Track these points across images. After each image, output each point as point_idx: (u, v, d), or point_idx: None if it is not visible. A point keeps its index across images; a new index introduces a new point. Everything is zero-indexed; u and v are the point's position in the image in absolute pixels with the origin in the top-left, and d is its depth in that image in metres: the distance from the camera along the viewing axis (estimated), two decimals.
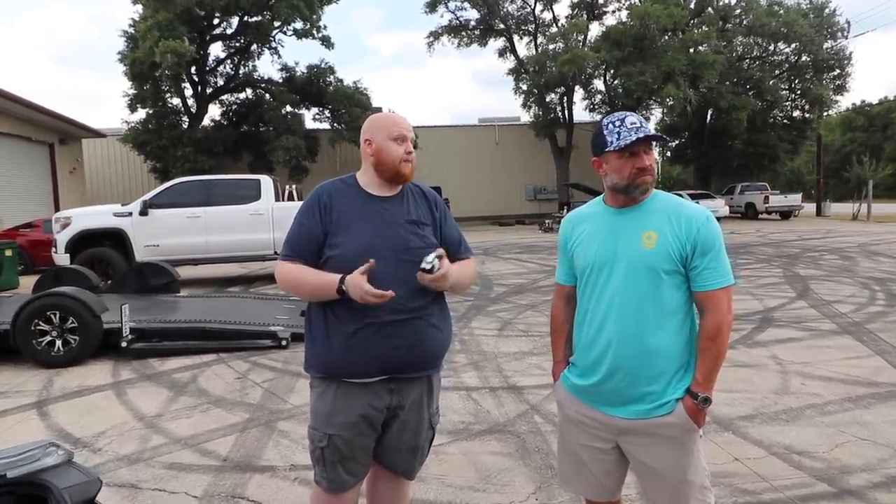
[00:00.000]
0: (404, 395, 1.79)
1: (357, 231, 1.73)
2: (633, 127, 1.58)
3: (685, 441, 1.58)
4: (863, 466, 2.81)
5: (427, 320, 1.76)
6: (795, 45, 28.25)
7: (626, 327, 1.58)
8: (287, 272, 1.75)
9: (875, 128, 55.99)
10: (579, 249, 1.71)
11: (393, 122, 1.81)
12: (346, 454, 1.75)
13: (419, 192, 1.90)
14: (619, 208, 1.66)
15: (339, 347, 1.70)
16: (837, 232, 17.38)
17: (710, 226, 1.59)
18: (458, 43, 30.25)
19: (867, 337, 5.18)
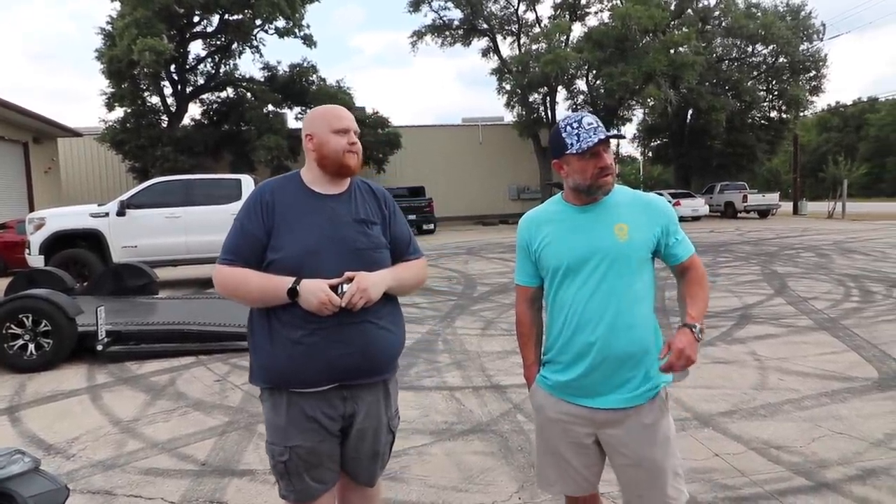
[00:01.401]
0: (359, 401, 1.70)
1: (302, 232, 1.63)
2: (590, 128, 1.59)
3: (661, 427, 1.64)
4: (839, 460, 2.86)
5: (377, 323, 1.68)
6: (773, 46, 28.75)
7: (610, 319, 1.61)
8: (229, 277, 1.64)
9: (849, 128, 57.32)
10: (548, 250, 1.70)
11: (334, 114, 1.73)
12: (312, 462, 1.67)
13: (367, 189, 1.81)
14: (583, 206, 1.68)
15: (284, 355, 1.60)
16: (814, 230, 17.71)
17: (669, 207, 1.73)
18: (442, 43, 30.28)
19: (842, 333, 5.27)
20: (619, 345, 1.61)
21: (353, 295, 1.57)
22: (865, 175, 37.62)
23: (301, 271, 1.58)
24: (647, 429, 1.63)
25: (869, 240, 13.95)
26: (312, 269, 1.59)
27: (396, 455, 3.02)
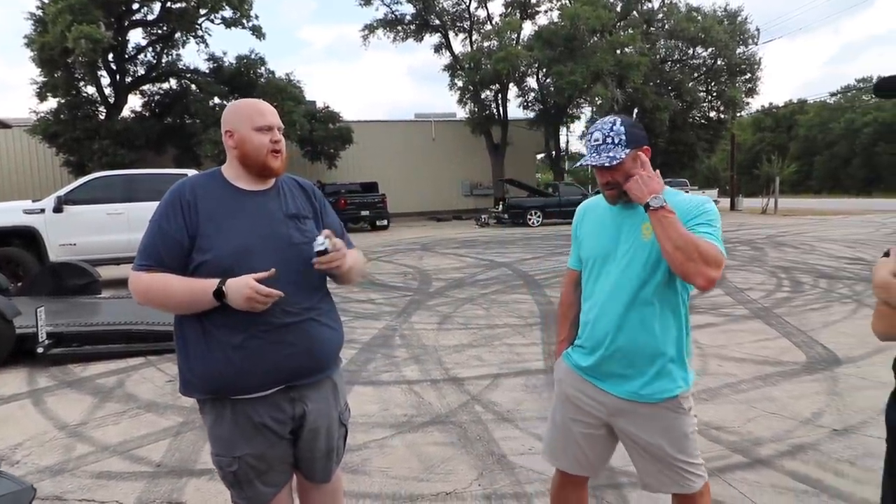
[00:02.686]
0: (308, 401, 1.65)
1: (230, 230, 1.55)
2: (594, 145, 1.62)
3: (674, 426, 1.66)
4: (771, 438, 3.09)
5: (319, 320, 1.64)
6: (712, 49, 30.09)
7: (622, 314, 1.65)
8: (148, 284, 1.53)
9: (781, 129, 60.72)
10: (586, 240, 1.80)
11: (256, 109, 1.63)
12: (261, 469, 1.62)
13: (295, 184, 1.77)
14: (624, 203, 1.68)
15: (224, 362, 1.52)
16: (749, 225, 18.72)
17: (711, 207, 1.62)
18: (394, 37, 30.11)
19: (775, 321, 5.65)
20: (629, 340, 1.65)
21: (340, 252, 1.57)
22: (795, 173, 40.00)
23: (233, 271, 1.50)
24: (661, 423, 1.66)
25: (798, 234, 14.88)
26: (246, 267, 1.52)
27: (357, 449, 3.06)
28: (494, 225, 22.38)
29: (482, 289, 8.06)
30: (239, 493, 1.65)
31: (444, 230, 21.00)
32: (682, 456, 1.67)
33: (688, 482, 1.69)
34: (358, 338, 5.45)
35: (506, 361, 4.61)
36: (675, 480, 1.69)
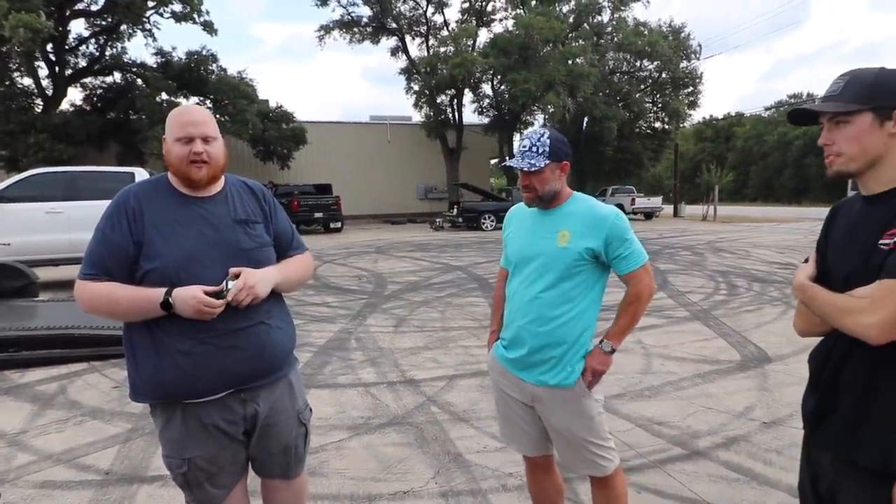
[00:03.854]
0: (260, 401, 1.67)
1: (177, 238, 1.55)
2: (520, 150, 1.85)
3: (580, 407, 1.86)
4: (708, 431, 3.31)
5: (270, 324, 1.66)
6: (657, 63, 31.40)
7: (536, 312, 1.85)
8: (93, 293, 1.52)
9: (720, 139, 63.77)
10: (511, 242, 1.99)
11: (177, 119, 1.59)
12: (212, 471, 1.64)
13: (244, 187, 1.75)
14: (542, 210, 1.91)
15: (173, 368, 1.53)
16: (690, 231, 19.60)
17: (619, 220, 1.83)
18: (350, 39, 29.93)
19: (712, 322, 5.99)
20: (540, 335, 1.84)
21: (239, 291, 1.53)
22: (733, 182, 42.14)
23: (181, 279, 1.51)
24: (567, 407, 1.85)
25: (735, 240, 15.70)
26: (194, 275, 1.52)
27: (315, 451, 3.08)
28: (449, 228, 22.54)
29: (437, 292, 8.15)
30: (189, 494, 1.67)
31: (399, 233, 20.99)
32: (591, 437, 1.87)
33: (598, 464, 1.89)
34: (313, 341, 5.43)
35: (461, 363, 4.71)
36: (586, 461, 1.89)
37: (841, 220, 1.34)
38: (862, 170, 1.22)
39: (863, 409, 1.21)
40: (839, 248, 1.29)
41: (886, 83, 1.19)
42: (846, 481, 1.25)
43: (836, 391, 1.27)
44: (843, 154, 1.22)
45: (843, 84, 1.23)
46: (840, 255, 1.27)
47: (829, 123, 1.24)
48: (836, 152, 1.23)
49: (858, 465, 1.21)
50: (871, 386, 1.19)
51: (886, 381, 1.17)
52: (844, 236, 1.29)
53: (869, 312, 1.11)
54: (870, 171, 1.22)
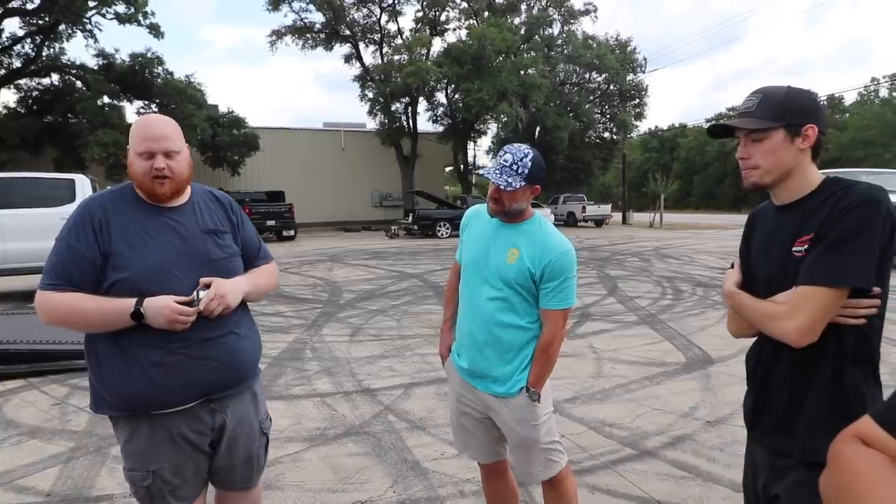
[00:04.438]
0: (228, 411, 1.68)
1: (146, 248, 1.54)
2: (500, 165, 1.84)
3: (531, 415, 1.91)
4: (656, 431, 3.45)
5: (239, 333, 1.68)
6: (605, 75, 32.46)
7: (480, 320, 1.91)
8: (57, 303, 1.49)
9: (665, 149, 66.40)
10: (466, 244, 2.03)
11: (139, 133, 1.57)
12: (175, 483, 1.62)
13: (211, 197, 1.75)
14: (500, 221, 1.95)
15: (141, 379, 1.51)
16: (638, 238, 20.30)
17: (563, 259, 1.83)
18: (303, 45, 29.59)
19: (659, 326, 6.23)
20: (483, 344, 1.91)
21: (210, 300, 1.54)
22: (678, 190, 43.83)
23: (151, 289, 1.50)
24: (516, 414, 1.91)
25: (680, 246, 16.37)
26: (164, 285, 1.52)
27: (270, 464, 3.02)
28: (404, 236, 22.52)
29: (393, 300, 8.13)
30: None
31: (354, 241, 20.81)
32: (541, 440, 1.93)
33: (550, 461, 1.95)
34: (267, 352, 5.32)
35: (418, 371, 4.72)
36: (538, 463, 1.94)
37: (759, 227, 1.42)
38: (776, 182, 1.30)
39: (793, 405, 1.30)
40: (760, 255, 1.38)
41: (795, 102, 1.27)
42: (781, 475, 1.32)
43: (768, 389, 1.36)
44: (760, 167, 1.30)
45: (756, 101, 1.30)
46: (761, 262, 1.36)
47: (745, 138, 1.32)
48: (752, 165, 1.31)
49: (792, 459, 1.29)
50: (798, 383, 1.28)
51: (812, 378, 1.26)
52: (763, 243, 1.37)
53: (789, 318, 1.20)
54: (782, 184, 1.31)
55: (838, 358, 1.23)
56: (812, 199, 1.27)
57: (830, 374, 1.24)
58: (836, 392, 1.23)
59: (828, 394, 1.24)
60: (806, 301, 1.19)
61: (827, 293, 1.17)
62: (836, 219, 1.19)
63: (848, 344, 1.23)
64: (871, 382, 1.26)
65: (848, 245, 1.17)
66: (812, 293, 1.18)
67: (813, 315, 1.18)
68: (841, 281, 1.17)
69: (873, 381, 1.26)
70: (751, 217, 1.49)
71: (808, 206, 1.26)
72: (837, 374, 1.23)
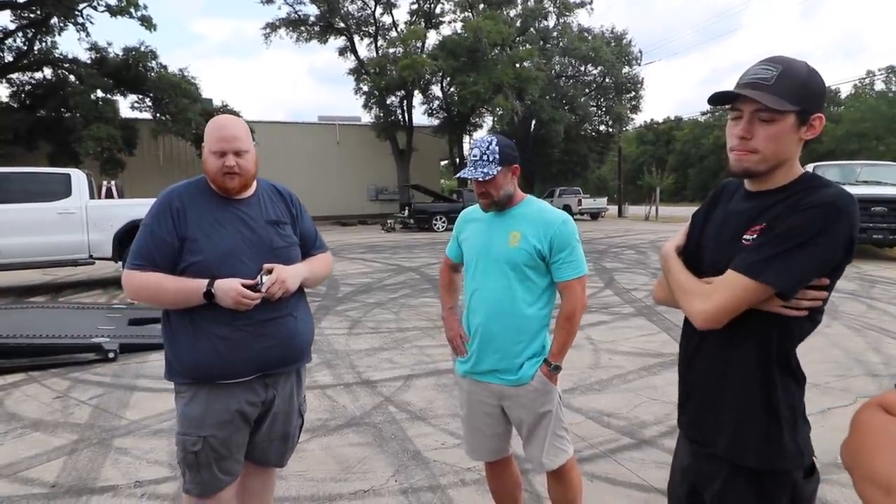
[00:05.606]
0: (279, 387, 1.85)
1: (218, 235, 1.72)
2: (472, 160, 1.91)
3: (546, 400, 1.95)
4: (654, 420, 3.50)
5: (296, 316, 1.83)
6: (601, 68, 32.45)
7: (487, 311, 1.94)
8: (142, 281, 1.68)
9: (661, 143, 66.46)
10: (466, 245, 2.06)
11: (214, 133, 1.74)
12: (223, 454, 1.74)
13: (274, 190, 1.92)
14: (495, 212, 1.99)
15: (209, 351, 1.69)
16: (634, 231, 20.37)
17: (565, 227, 1.90)
18: (297, 38, 29.41)
19: (656, 317, 6.28)
20: (494, 334, 1.94)
21: (273, 284, 1.69)
22: (673, 183, 43.98)
23: (220, 272, 1.66)
24: (528, 402, 1.94)
25: None
26: (232, 269, 1.68)
27: None
28: (400, 230, 22.53)
29: (391, 293, 8.16)
30: (195, 476, 1.73)
31: (350, 235, 20.80)
32: (552, 427, 1.97)
33: (559, 450, 1.98)
34: None
35: (417, 363, 4.76)
36: (548, 450, 1.97)
37: (722, 205, 1.32)
38: (769, 171, 1.16)
39: (713, 396, 1.25)
40: (712, 235, 1.28)
41: (814, 86, 1.13)
42: (704, 472, 1.28)
43: (691, 381, 1.32)
44: (760, 152, 1.14)
45: (776, 74, 1.11)
46: (712, 241, 1.28)
47: (751, 114, 1.13)
48: (751, 149, 1.14)
49: (712, 456, 1.25)
50: (719, 373, 1.23)
51: (733, 372, 1.21)
52: (719, 224, 1.28)
53: (703, 298, 1.15)
54: (770, 173, 1.17)
55: (761, 350, 1.18)
56: (783, 192, 1.17)
57: (753, 366, 1.18)
58: (759, 385, 1.18)
59: (750, 387, 1.19)
60: (724, 287, 1.13)
61: (746, 284, 1.11)
62: (790, 214, 1.11)
63: (772, 336, 1.17)
64: (794, 375, 1.21)
65: (786, 244, 1.09)
66: (733, 280, 1.13)
67: (724, 303, 1.12)
68: (761, 277, 1.10)
69: (794, 374, 1.21)
70: (717, 191, 1.38)
71: (775, 198, 1.17)
72: (762, 367, 1.18)
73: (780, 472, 1.17)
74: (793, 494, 1.18)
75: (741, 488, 1.20)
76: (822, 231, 1.07)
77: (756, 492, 1.18)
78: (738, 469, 1.20)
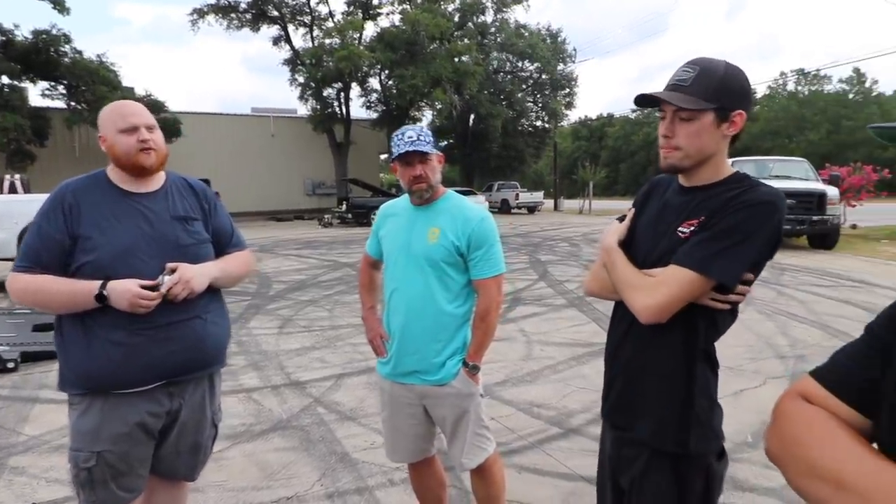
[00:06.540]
0: (185, 396, 1.71)
1: (115, 232, 1.59)
2: (408, 140, 1.84)
3: (468, 400, 1.93)
4: (582, 409, 3.57)
5: (206, 319, 1.71)
6: (537, 64, 33.06)
7: (411, 310, 1.88)
8: (27, 284, 1.56)
9: (594, 138, 68.70)
10: (386, 240, 1.99)
11: (119, 112, 1.66)
12: (121, 469, 1.61)
13: (184, 184, 1.79)
14: (417, 206, 1.93)
15: (103, 359, 1.56)
16: (569, 224, 20.93)
17: (484, 224, 1.88)
18: (228, 25, 28.19)
19: (586, 308, 6.45)
20: (414, 334, 1.89)
21: (175, 285, 1.57)
22: (605, 178, 45.49)
23: (117, 272, 1.54)
24: (450, 401, 1.92)
25: None
26: (131, 269, 1.56)
27: None
28: (338, 225, 22.13)
29: (325, 290, 7.97)
30: (90, 495, 1.60)
31: (286, 230, 20.24)
32: (473, 425, 1.95)
33: (480, 448, 1.97)
34: None
35: (349, 361, 4.65)
36: (470, 447, 1.96)
37: (655, 198, 1.37)
38: (694, 167, 1.23)
39: (635, 383, 1.29)
40: (648, 227, 1.32)
41: (732, 84, 1.19)
42: (624, 457, 1.32)
43: (616, 369, 1.36)
44: (682, 149, 1.21)
45: (693, 75, 1.19)
46: (647, 231, 1.32)
47: (673, 114, 1.21)
48: (675, 145, 1.22)
49: (633, 441, 1.29)
50: (643, 360, 1.27)
51: (657, 361, 1.25)
52: (654, 217, 1.32)
53: (647, 293, 1.18)
54: (698, 168, 1.24)
55: (687, 340, 1.22)
56: (716, 188, 1.23)
57: (677, 356, 1.23)
58: (681, 374, 1.23)
59: (673, 376, 1.24)
60: (670, 281, 1.17)
61: (692, 279, 1.15)
62: (729, 211, 1.16)
63: (699, 328, 1.22)
64: (712, 364, 1.27)
65: (730, 239, 1.15)
66: (679, 275, 1.16)
67: (670, 297, 1.16)
68: (709, 272, 1.15)
69: (712, 364, 1.28)
70: (651, 184, 1.43)
71: (709, 193, 1.23)
72: (684, 356, 1.23)
73: (696, 456, 1.24)
74: (707, 476, 1.25)
75: (660, 472, 1.25)
76: (760, 228, 1.15)
77: (674, 475, 1.24)
78: (658, 454, 1.25)
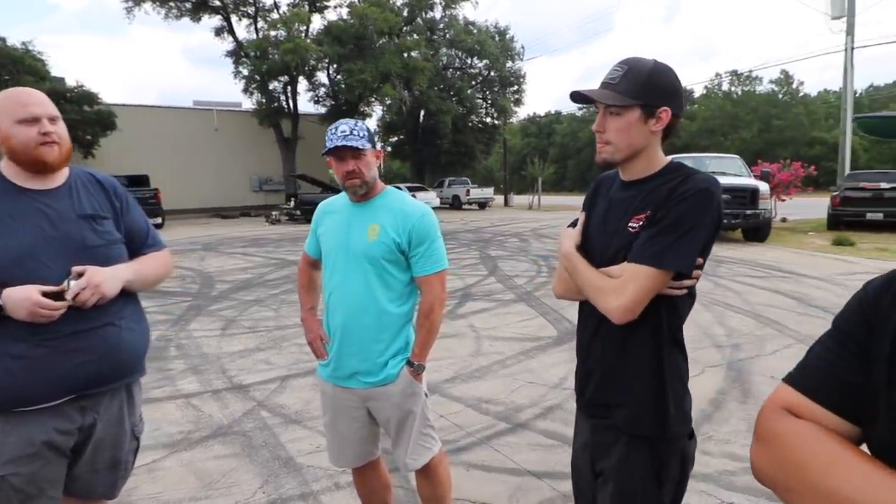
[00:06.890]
0: (100, 410, 1.58)
1: (10, 233, 1.44)
2: (341, 135, 1.78)
3: (412, 400, 1.90)
4: (529, 403, 3.60)
5: (120, 325, 1.58)
6: (486, 61, 33.27)
7: (351, 310, 1.83)
8: None
9: (543, 135, 69.95)
10: (324, 238, 1.92)
11: (16, 101, 1.50)
12: (29, 493, 1.47)
13: (92, 180, 1.65)
14: (356, 203, 1.88)
15: (2, 373, 1.42)
16: (519, 219, 21.21)
17: (425, 220, 1.84)
18: (166, 14, 26.92)
19: (535, 303, 6.53)
20: (355, 334, 1.84)
21: (82, 290, 1.44)
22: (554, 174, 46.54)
23: (14, 278, 1.40)
24: (394, 402, 1.88)
25: (556, 227, 17.33)
26: (31, 274, 1.42)
27: None
28: (286, 222, 21.63)
29: (272, 289, 7.75)
30: None
31: (231, 228, 19.59)
32: (418, 424, 1.93)
33: (425, 448, 1.95)
34: None
35: (295, 362, 4.53)
36: (415, 447, 1.94)
37: (602, 196, 1.43)
38: (625, 160, 1.31)
39: (611, 375, 1.35)
40: (598, 225, 1.38)
41: (657, 82, 1.25)
42: (606, 450, 1.37)
43: (591, 363, 1.41)
44: (612, 143, 1.28)
45: (621, 74, 1.26)
46: (598, 232, 1.38)
47: (604, 110, 1.29)
48: (605, 140, 1.29)
49: (610, 427, 1.35)
50: (617, 353, 1.33)
51: (630, 352, 1.31)
52: (603, 214, 1.38)
53: (614, 295, 1.23)
54: (630, 162, 1.31)
55: (654, 330, 1.29)
56: (655, 180, 1.29)
57: (648, 345, 1.29)
58: (653, 360, 1.29)
59: (646, 364, 1.30)
60: (634, 279, 1.22)
61: (653, 274, 1.21)
62: (672, 203, 1.23)
63: (662, 316, 1.28)
64: (681, 350, 1.35)
65: (678, 231, 1.21)
66: (640, 272, 1.22)
67: (637, 295, 1.21)
68: (666, 264, 1.21)
69: (681, 349, 1.34)
70: (596, 183, 1.49)
71: (650, 185, 1.29)
72: (654, 345, 1.29)
73: (670, 439, 1.31)
74: (682, 457, 1.33)
75: (638, 456, 1.30)
76: (703, 215, 1.22)
77: (651, 457, 1.30)
78: (635, 438, 1.30)
